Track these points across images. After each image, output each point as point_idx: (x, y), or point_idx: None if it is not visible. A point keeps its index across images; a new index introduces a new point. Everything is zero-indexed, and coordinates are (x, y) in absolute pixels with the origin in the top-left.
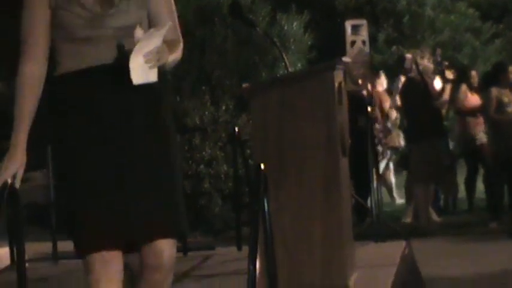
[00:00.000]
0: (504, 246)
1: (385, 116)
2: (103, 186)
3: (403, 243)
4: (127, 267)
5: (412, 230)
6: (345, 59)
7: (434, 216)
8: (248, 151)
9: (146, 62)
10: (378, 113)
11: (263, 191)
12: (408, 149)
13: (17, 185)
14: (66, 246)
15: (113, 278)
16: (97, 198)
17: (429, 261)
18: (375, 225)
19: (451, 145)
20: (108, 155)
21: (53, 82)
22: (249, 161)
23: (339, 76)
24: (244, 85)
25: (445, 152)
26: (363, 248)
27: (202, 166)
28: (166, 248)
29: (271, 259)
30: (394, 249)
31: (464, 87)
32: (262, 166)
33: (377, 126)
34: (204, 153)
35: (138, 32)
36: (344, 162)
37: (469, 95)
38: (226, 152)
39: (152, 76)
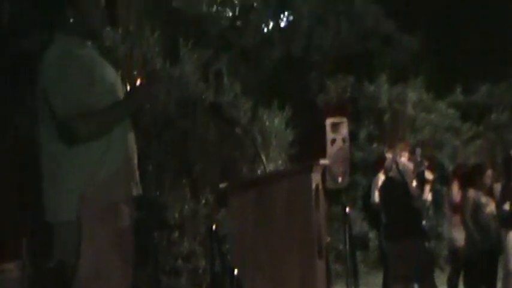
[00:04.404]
0: None
1: None
2: None
3: None
4: None
5: None
6: (323, 161)
7: None
8: (227, 246)
9: None
10: None
11: None
12: (387, 247)
13: None
14: None
15: None
16: None
17: None
18: None
19: (433, 244)
20: None
21: None
22: (228, 255)
23: (316, 178)
24: (221, 185)
25: (424, 251)
26: None
27: (180, 261)
28: None
29: None
30: None
31: (455, 186)
32: (236, 271)
33: None
34: (182, 248)
35: None
36: (320, 265)
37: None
38: (205, 246)
39: None
